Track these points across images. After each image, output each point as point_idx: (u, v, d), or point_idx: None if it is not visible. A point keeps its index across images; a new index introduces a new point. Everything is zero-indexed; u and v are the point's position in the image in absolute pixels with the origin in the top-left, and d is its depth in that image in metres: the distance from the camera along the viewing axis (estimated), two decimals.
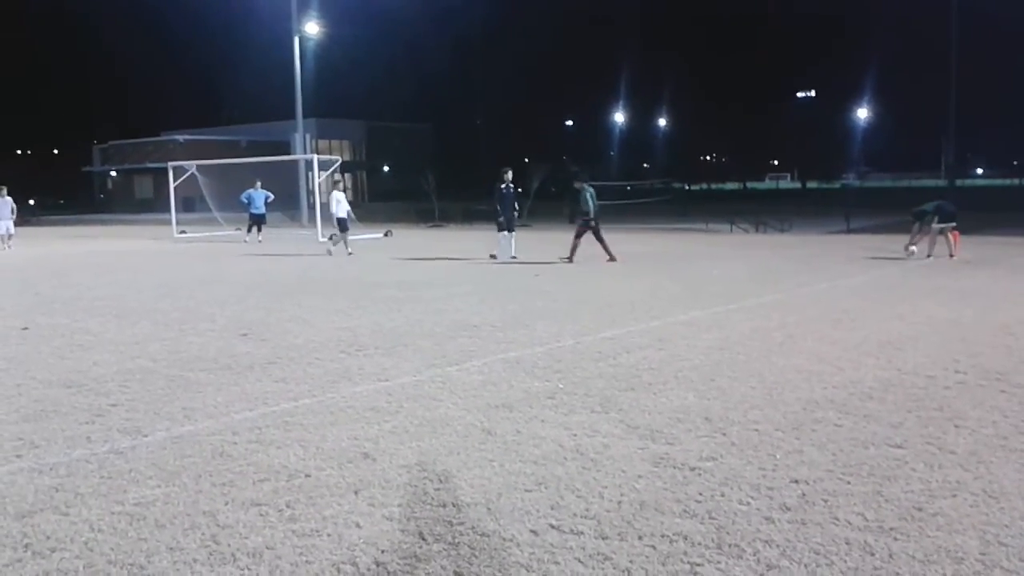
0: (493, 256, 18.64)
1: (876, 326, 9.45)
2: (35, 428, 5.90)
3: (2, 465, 5.13)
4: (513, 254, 18.64)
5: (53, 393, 6.90)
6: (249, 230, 26.13)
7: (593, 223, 17.50)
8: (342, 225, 20.61)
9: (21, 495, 4.63)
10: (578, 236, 17.62)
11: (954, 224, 17.00)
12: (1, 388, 7.09)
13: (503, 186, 18.54)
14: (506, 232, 18.76)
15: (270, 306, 11.77)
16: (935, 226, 16.94)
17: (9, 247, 24.29)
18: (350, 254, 20.31)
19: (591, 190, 17.61)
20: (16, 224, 25.68)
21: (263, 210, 26.24)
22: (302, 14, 37.92)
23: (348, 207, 20.85)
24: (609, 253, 17.22)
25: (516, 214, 19.05)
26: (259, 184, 26.57)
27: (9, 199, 25.06)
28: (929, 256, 16.78)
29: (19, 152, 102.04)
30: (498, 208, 18.70)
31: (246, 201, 26.43)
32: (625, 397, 6.51)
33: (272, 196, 26.64)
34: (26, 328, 10.10)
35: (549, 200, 44.66)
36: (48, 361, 8.20)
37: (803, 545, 3.89)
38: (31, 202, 54.01)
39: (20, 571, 3.75)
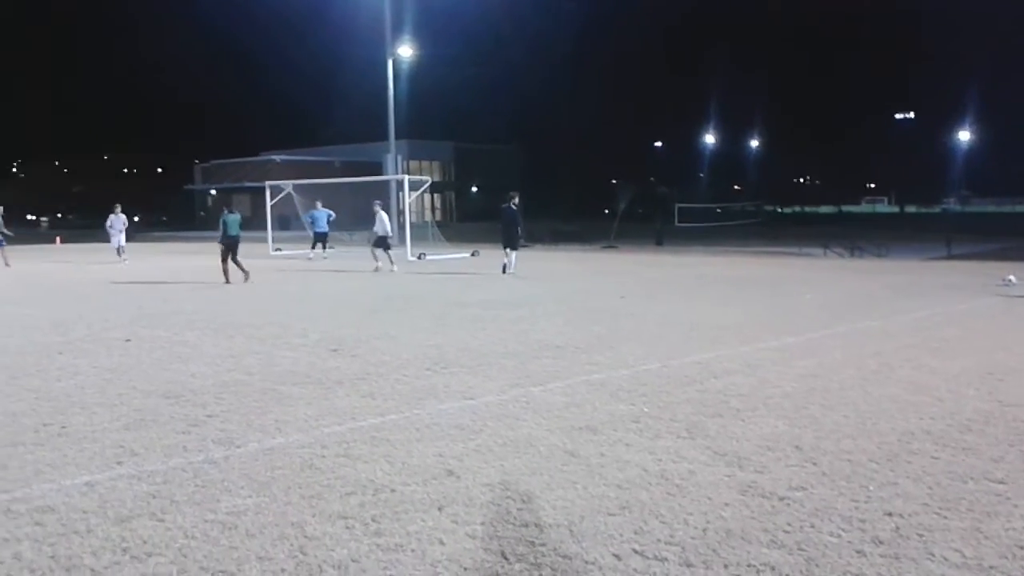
0: (513, 272, 19.64)
1: (977, 356, 9.09)
2: (135, 436, 6.13)
3: (104, 471, 5.34)
4: (512, 270, 19.70)
5: (152, 403, 7.16)
6: (313, 247, 27.13)
7: (228, 244, 18.51)
8: (386, 243, 21.91)
9: (121, 500, 4.81)
10: (224, 259, 18.47)
11: None
12: (104, 397, 7.40)
13: (507, 205, 20.06)
14: (507, 249, 19.95)
15: (359, 322, 11.99)
16: None
17: (124, 260, 25.58)
18: (389, 270, 21.52)
19: (236, 215, 18.92)
20: (126, 239, 27.11)
21: (326, 228, 27.31)
22: (395, 38, 38.77)
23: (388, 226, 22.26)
24: (226, 275, 18.23)
25: (519, 232, 20.35)
26: (320, 204, 27.57)
27: (123, 215, 26.75)
28: None
29: (126, 171, 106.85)
30: (504, 227, 20.08)
31: (310, 220, 27.68)
32: (712, 423, 6.41)
33: (334, 215, 27.54)
34: (128, 340, 10.52)
35: (638, 221, 44.41)
36: (148, 372, 8.52)
37: None
38: (136, 219, 56.37)
39: (118, 574, 3.89)
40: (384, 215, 22.04)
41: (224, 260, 18.58)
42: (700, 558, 4.01)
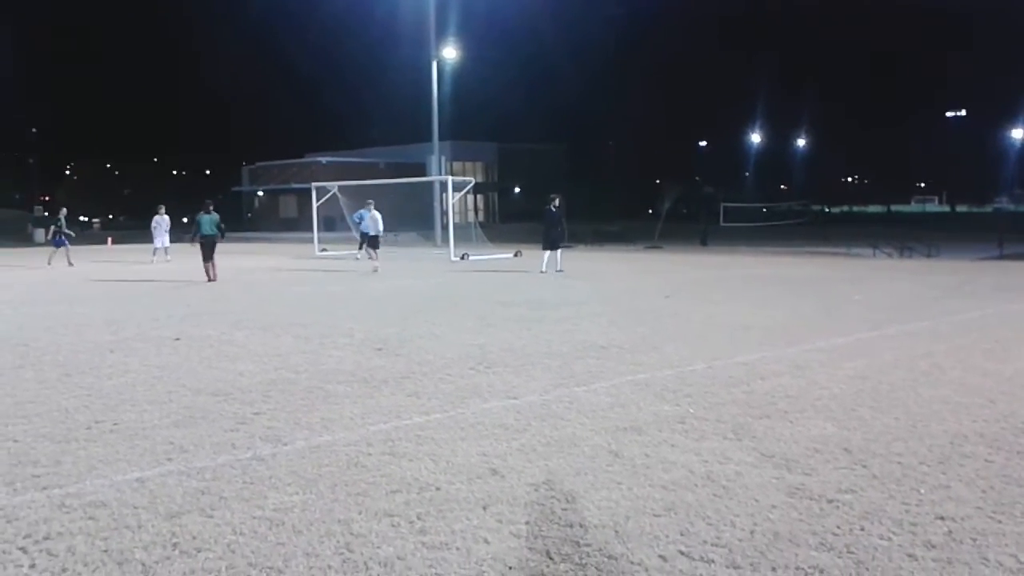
0: (561, 271, 20.23)
1: None
2: (184, 433, 6.22)
3: (154, 467, 5.43)
4: (557, 268, 20.33)
5: (201, 401, 7.27)
6: (360, 247, 27.18)
7: (203, 244, 19.63)
8: (375, 242, 22.75)
9: (171, 496, 4.89)
10: (205, 259, 19.50)
11: None
12: (154, 395, 7.52)
13: (548, 207, 20.86)
14: (548, 251, 20.56)
15: (404, 322, 12.06)
16: None
17: (167, 260, 26.10)
18: (374, 269, 22.03)
19: (214, 216, 20.03)
20: (171, 240, 27.58)
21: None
22: (440, 40, 38.94)
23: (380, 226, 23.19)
24: (210, 275, 19.23)
25: (562, 232, 21.11)
26: (372, 204, 27.64)
27: (167, 217, 27.23)
28: None
29: (174, 172, 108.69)
30: (545, 228, 20.95)
31: (358, 220, 27.66)
32: (759, 424, 6.34)
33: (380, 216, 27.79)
34: (178, 339, 10.69)
35: (683, 222, 44.07)
36: (197, 370, 8.64)
37: None
38: (184, 220, 57.32)
39: (168, 568, 3.95)
40: (377, 214, 22.82)
41: (206, 259, 19.40)
42: (747, 560, 3.96)
